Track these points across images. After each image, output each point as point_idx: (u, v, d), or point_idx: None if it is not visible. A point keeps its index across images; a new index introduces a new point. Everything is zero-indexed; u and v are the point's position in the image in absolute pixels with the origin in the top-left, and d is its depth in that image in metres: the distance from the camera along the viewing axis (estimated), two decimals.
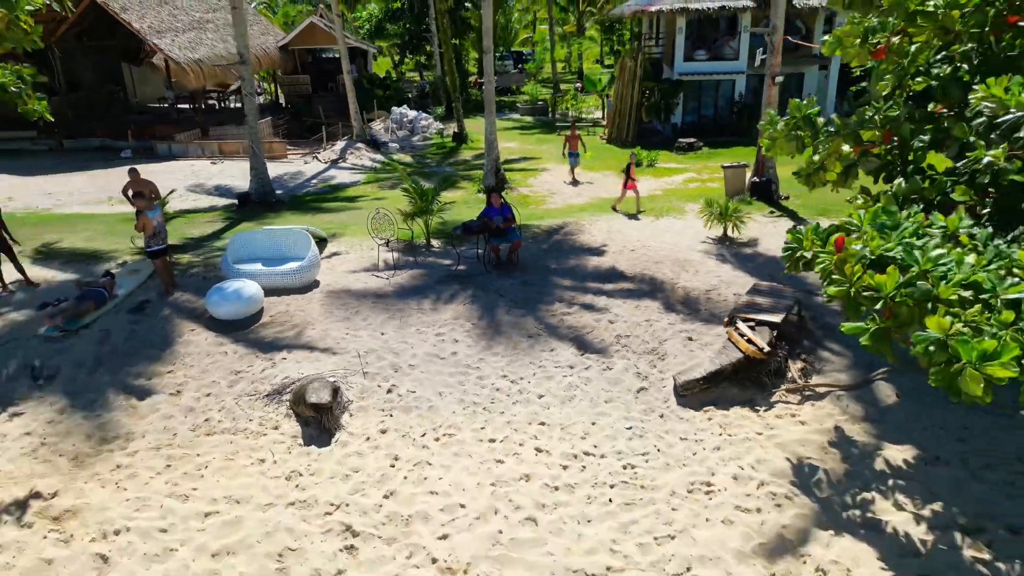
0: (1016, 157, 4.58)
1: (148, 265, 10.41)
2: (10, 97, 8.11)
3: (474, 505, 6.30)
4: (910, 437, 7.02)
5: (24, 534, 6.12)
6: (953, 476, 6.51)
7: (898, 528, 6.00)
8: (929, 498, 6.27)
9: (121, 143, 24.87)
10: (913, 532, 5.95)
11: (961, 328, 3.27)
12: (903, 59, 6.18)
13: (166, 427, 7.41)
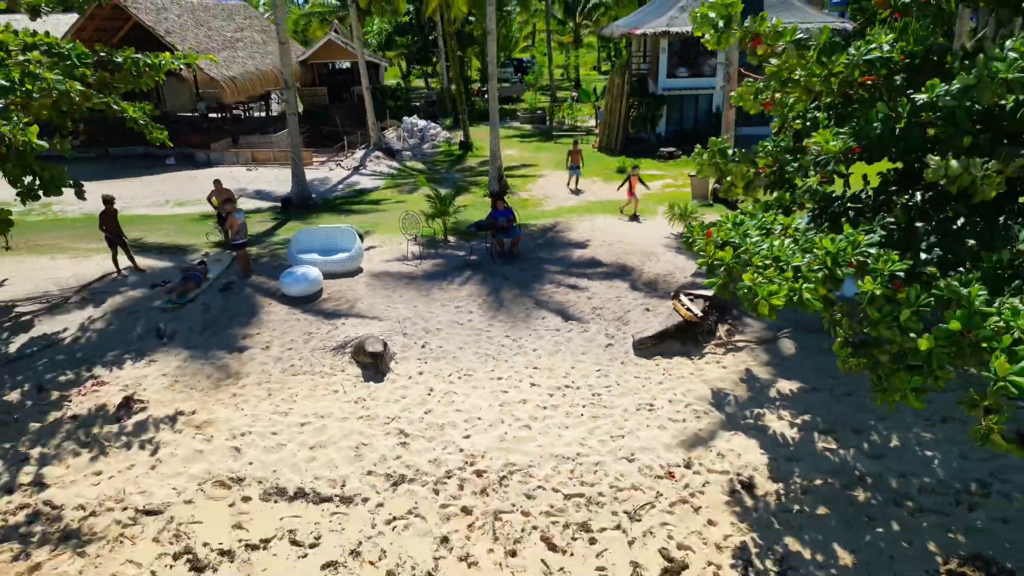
0: (825, 181, 7.30)
1: (227, 255, 13.14)
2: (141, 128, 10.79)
3: (487, 418, 9.02)
4: (797, 375, 9.74)
5: (177, 436, 8.85)
6: (822, 399, 9.24)
7: (777, 430, 8.73)
8: (802, 412, 9.00)
9: (163, 151, 27.52)
10: (787, 433, 8.69)
11: (760, 280, 5.90)
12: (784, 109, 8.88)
13: (263, 370, 10.13)
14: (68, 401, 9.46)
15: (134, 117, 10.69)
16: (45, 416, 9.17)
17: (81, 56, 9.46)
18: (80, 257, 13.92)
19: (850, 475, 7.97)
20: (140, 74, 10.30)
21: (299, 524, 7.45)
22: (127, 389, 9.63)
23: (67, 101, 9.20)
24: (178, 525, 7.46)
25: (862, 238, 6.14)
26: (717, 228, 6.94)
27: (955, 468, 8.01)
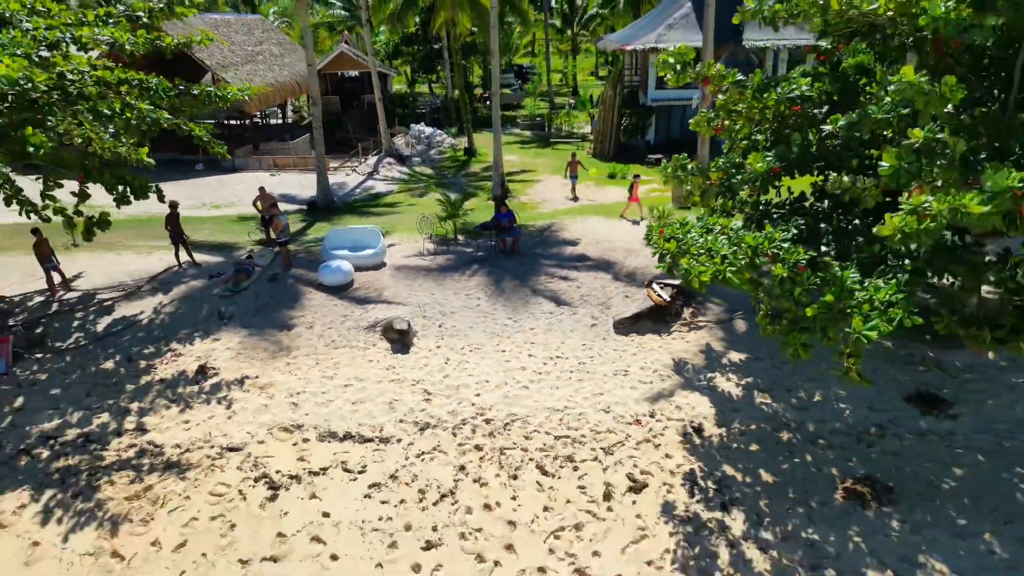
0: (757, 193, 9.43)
1: (270, 251, 15.28)
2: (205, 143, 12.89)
3: (493, 380, 11.16)
4: (745, 348, 11.88)
5: (246, 395, 10.99)
6: (763, 366, 11.38)
7: (725, 389, 10.87)
8: (746, 376, 11.14)
9: (190, 157, 29.65)
10: (733, 391, 10.83)
11: (694, 263, 8.01)
12: (732, 133, 11.01)
13: (309, 344, 12.27)
14: (154, 368, 11.61)
15: (199, 135, 12.82)
16: (137, 380, 11.32)
17: (166, 90, 11.59)
18: (143, 253, 16.05)
19: (779, 422, 10.12)
20: (211, 103, 12.45)
21: (348, 457, 9.60)
22: (200, 359, 11.77)
23: (156, 126, 11.34)
24: (255, 458, 9.61)
25: (778, 235, 8.28)
26: (667, 227, 9.07)
27: (861, 417, 10.15)
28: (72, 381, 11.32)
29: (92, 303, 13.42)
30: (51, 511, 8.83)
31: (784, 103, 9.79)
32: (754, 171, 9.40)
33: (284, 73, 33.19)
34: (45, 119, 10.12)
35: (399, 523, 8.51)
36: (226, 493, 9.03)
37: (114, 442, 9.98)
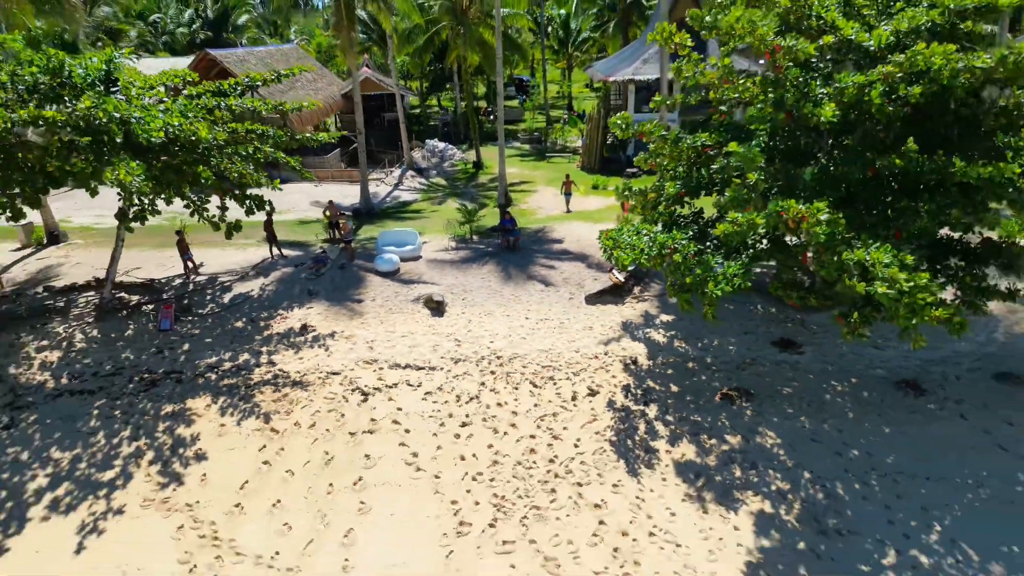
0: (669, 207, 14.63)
1: (336, 248, 20.50)
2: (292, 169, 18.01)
3: (501, 333, 16.39)
4: (672, 312, 17.09)
5: (337, 343, 16.21)
6: (684, 324, 16.59)
7: (655, 338, 16.10)
8: (670, 330, 16.36)
9: None
10: (659, 339, 16.06)
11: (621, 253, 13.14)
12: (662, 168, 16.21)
13: (374, 311, 17.49)
14: (270, 326, 16.86)
15: (294, 164, 18.03)
16: (261, 333, 16.57)
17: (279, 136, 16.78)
18: (239, 249, 21.26)
19: (687, 357, 15.36)
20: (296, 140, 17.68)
21: (410, 378, 14.84)
22: (301, 320, 17.01)
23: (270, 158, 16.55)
24: (349, 378, 14.85)
25: (679, 236, 13.46)
26: (609, 231, 14.27)
27: (741, 354, 15.38)
28: (217, 335, 16.57)
29: (216, 284, 18.67)
30: (226, 408, 14.08)
31: (693, 149, 14.94)
32: (668, 194, 14.63)
33: (318, 96, 38.36)
34: (209, 159, 15.34)
35: (444, 414, 13.75)
36: (335, 397, 14.29)
37: (256, 371, 15.22)
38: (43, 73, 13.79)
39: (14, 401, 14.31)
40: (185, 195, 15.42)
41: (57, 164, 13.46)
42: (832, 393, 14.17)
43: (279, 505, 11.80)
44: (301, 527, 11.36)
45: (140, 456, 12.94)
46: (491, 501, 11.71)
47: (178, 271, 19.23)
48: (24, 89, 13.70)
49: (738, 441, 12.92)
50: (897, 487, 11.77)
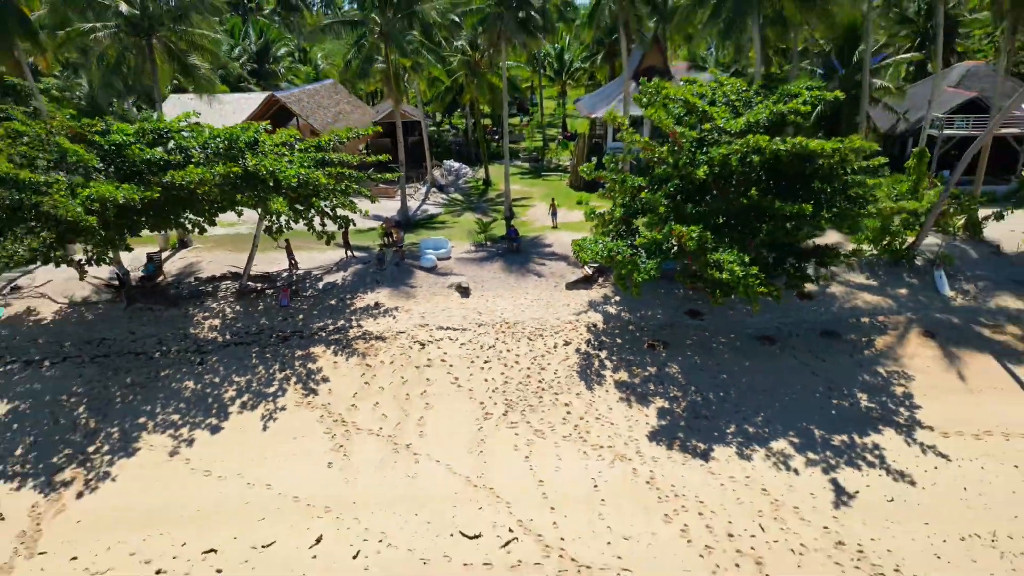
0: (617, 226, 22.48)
1: (391, 251, 28.36)
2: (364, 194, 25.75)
3: (507, 308, 24.27)
4: (623, 294, 24.97)
5: (400, 314, 24.10)
6: (629, 302, 24.47)
7: (610, 311, 24.00)
8: (619, 306, 24.25)
9: None
10: (612, 311, 23.96)
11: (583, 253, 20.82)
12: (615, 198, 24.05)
13: (422, 293, 25.36)
14: (353, 304, 24.73)
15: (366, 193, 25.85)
16: (348, 308, 24.45)
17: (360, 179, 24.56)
18: (318, 251, 29.05)
19: (629, 322, 23.22)
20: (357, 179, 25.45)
21: (449, 335, 22.73)
22: (373, 300, 24.88)
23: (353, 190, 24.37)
24: (411, 335, 22.74)
25: (621, 244, 21.34)
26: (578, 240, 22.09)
27: (666, 320, 23.24)
28: (319, 309, 24.44)
29: (311, 275, 26.55)
30: (336, 352, 21.97)
31: (632, 187, 22.73)
32: (615, 217, 22.51)
33: (359, 126, 46.17)
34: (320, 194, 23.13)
35: (473, 355, 21.62)
36: (403, 346, 22.17)
37: (350, 330, 23.09)
38: (223, 142, 21.66)
39: (200, 348, 22.20)
40: (305, 217, 23.17)
41: (229, 199, 21.35)
42: (717, 343, 22.06)
43: (377, 405, 19.72)
44: (392, 416, 19.28)
45: (287, 380, 20.85)
46: (503, 402, 19.62)
47: (284, 266, 27.05)
48: (212, 152, 21.57)
49: (654, 370, 20.83)
50: (744, 395, 19.70)
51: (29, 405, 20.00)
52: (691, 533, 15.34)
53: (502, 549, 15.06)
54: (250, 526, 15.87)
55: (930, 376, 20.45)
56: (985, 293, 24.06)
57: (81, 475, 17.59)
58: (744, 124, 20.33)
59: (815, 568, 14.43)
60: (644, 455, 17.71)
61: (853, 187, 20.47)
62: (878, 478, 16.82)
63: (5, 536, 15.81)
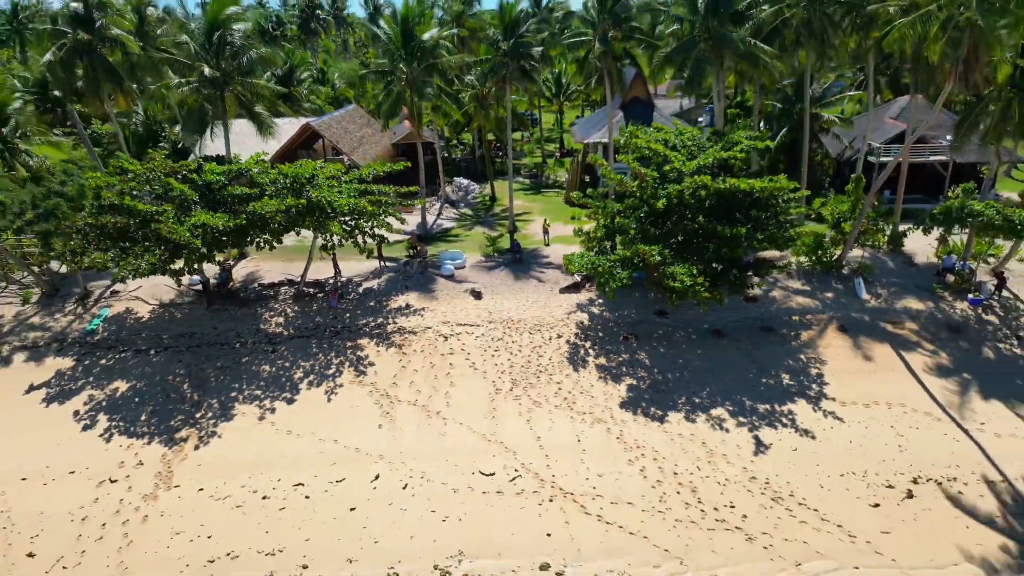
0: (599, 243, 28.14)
1: (415, 261, 34.00)
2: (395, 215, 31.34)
3: (513, 307, 29.93)
4: (605, 297, 30.63)
5: (425, 312, 29.77)
6: (608, 303, 30.14)
7: (593, 311, 29.67)
8: (603, 307, 29.93)
9: None
10: (596, 311, 29.63)
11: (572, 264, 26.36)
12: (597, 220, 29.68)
13: (442, 296, 31.02)
14: (388, 305, 30.42)
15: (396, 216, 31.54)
16: (384, 308, 30.13)
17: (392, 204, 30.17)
18: (356, 261, 34.69)
19: (609, 319, 28.88)
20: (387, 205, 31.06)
21: (467, 330, 28.40)
22: (405, 302, 30.55)
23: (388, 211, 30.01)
24: (435, 330, 28.43)
25: (602, 258, 27.01)
26: (568, 255, 27.72)
27: (639, 319, 28.90)
28: (361, 309, 30.12)
29: (352, 282, 32.22)
30: (378, 343, 27.68)
31: (612, 212, 28.37)
32: (598, 236, 28.19)
33: (379, 147, 51.86)
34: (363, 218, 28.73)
35: (486, 345, 27.29)
36: (430, 338, 27.84)
37: (388, 326, 28.77)
38: (290, 179, 27.33)
39: (270, 340, 27.87)
40: (352, 236, 28.75)
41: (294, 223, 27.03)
42: (677, 336, 27.71)
43: (412, 383, 25.41)
44: (424, 391, 24.97)
45: (342, 364, 26.53)
46: (510, 380, 25.31)
47: (330, 274, 32.69)
48: (281, 187, 27.24)
49: (627, 356, 26.49)
50: (695, 375, 25.37)
51: (144, 383, 25.73)
52: (647, 472, 21.00)
53: (510, 482, 20.73)
54: (325, 469, 21.55)
55: (839, 361, 26.09)
56: (894, 296, 29.67)
57: (194, 433, 23.30)
58: (695, 166, 25.97)
59: (733, 494, 20.09)
60: (615, 419, 23.37)
61: (782, 213, 26.10)
62: (788, 435, 22.47)
63: (147, 475, 21.52)
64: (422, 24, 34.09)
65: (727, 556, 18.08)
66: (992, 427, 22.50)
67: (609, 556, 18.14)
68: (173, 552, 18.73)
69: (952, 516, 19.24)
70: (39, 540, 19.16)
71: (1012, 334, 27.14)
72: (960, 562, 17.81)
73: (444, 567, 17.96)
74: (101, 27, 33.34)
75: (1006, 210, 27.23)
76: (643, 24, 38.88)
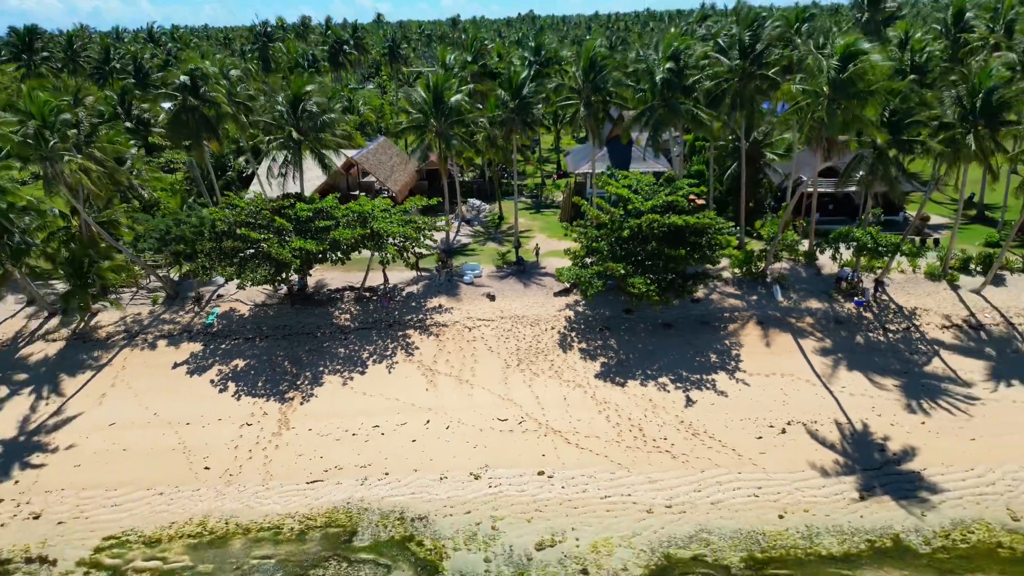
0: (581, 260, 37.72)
1: (443, 271, 43.60)
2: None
3: (520, 307, 39.58)
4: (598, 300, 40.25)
5: (454, 311, 39.44)
6: (589, 304, 39.76)
7: (579, 309, 39.33)
8: (586, 307, 39.57)
9: None
10: (581, 310, 39.27)
11: (562, 275, 35.77)
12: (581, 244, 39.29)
13: (466, 298, 40.64)
14: (425, 305, 40.08)
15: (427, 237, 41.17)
16: (423, 308, 39.79)
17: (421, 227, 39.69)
18: (398, 271, 44.24)
19: (590, 316, 38.53)
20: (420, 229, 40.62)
21: (485, 323, 38.07)
22: (438, 302, 40.18)
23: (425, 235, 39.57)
24: (462, 323, 38.11)
25: (583, 271, 36.65)
26: (560, 268, 37.31)
27: (611, 315, 38.55)
28: (406, 308, 39.77)
29: (397, 287, 41.87)
30: (420, 333, 37.38)
31: (592, 236, 38.08)
32: (580, 254, 37.88)
33: (406, 174, 61.46)
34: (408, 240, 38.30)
35: (500, 335, 36.94)
36: (458, 330, 37.48)
37: (426, 321, 38.41)
38: (357, 215, 36.98)
39: (342, 331, 37.54)
40: (402, 255, 38.25)
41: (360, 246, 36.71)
42: (639, 328, 37.34)
43: (448, 361, 35.13)
44: (456, 366, 34.69)
45: (396, 348, 36.23)
46: (517, 359, 35.02)
47: (380, 281, 42.26)
48: (351, 219, 36.87)
49: (601, 343, 36.15)
50: (649, 355, 35.07)
51: (255, 361, 35.43)
52: (610, 418, 30.60)
53: (518, 424, 30.36)
54: (391, 416, 31.22)
55: (753, 345, 35.65)
56: (801, 299, 39.21)
57: (298, 395, 32.99)
58: (650, 206, 35.52)
59: (667, 432, 29.67)
60: (591, 384, 32.98)
61: (712, 238, 35.62)
62: (709, 394, 32.05)
63: (271, 420, 31.20)
64: (449, 91, 43.66)
65: (658, 466, 27.70)
66: (849, 389, 32.07)
67: (582, 467, 27.76)
68: (298, 466, 28.41)
69: (809, 444, 28.81)
70: (210, 459, 28.85)
71: (880, 326, 36.69)
72: (807, 470, 27.36)
73: (476, 472, 27.61)
74: (203, 93, 43.06)
75: (878, 236, 36.76)
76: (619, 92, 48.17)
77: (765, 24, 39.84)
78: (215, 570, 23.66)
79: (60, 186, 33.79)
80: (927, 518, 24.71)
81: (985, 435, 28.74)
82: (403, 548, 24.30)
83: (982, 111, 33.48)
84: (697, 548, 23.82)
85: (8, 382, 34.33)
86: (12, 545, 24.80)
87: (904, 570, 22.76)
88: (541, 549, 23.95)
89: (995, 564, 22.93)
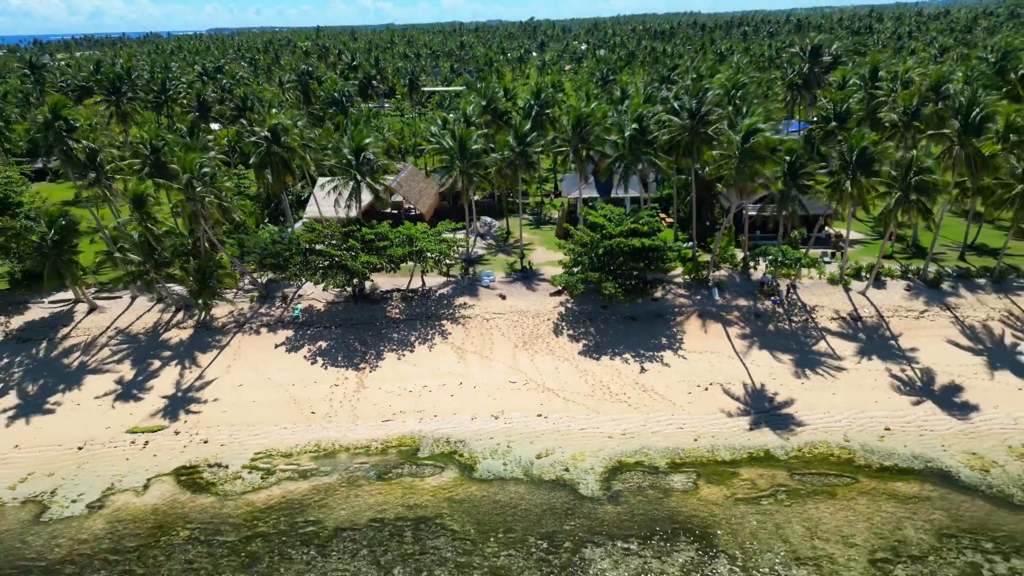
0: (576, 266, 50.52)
1: (466, 276, 56.38)
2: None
3: (524, 304, 52.47)
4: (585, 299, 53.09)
5: (476, 307, 52.33)
6: (577, 301, 52.60)
7: (569, 305, 52.23)
8: (576, 304, 52.43)
9: None
10: (571, 306, 52.16)
11: (557, 279, 48.37)
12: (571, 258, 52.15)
13: (484, 297, 53.49)
14: (454, 302, 52.95)
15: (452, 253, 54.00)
16: (452, 304, 52.68)
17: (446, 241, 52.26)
18: (430, 277, 56.97)
19: (578, 310, 51.42)
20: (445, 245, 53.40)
21: (500, 316, 50.98)
22: (463, 300, 53.04)
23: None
24: (482, 316, 51.04)
25: (572, 278, 49.54)
26: (555, 275, 50.12)
27: (593, 309, 51.44)
28: (440, 305, 52.63)
29: (432, 289, 54.71)
30: (452, 323, 50.32)
31: (578, 251, 51.06)
32: (569, 264, 50.82)
33: (432, 197, 74.21)
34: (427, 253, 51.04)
35: (510, 324, 49.86)
36: (480, 322, 50.38)
37: (456, 314, 51.28)
38: (406, 237, 49.78)
39: (394, 322, 50.45)
40: (437, 266, 50.87)
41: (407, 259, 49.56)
42: (612, 319, 50.22)
43: (473, 343, 48.17)
44: (479, 347, 47.73)
45: (435, 334, 49.21)
46: (523, 342, 48.05)
47: (419, 284, 55.01)
48: (401, 240, 49.68)
49: (584, 330, 49.10)
50: (618, 339, 48.08)
51: (334, 343, 48.39)
52: (588, 381, 43.49)
53: (524, 385, 43.31)
54: (434, 380, 44.19)
55: (693, 332, 48.47)
56: (733, 298, 51.97)
57: (367, 366, 45.94)
58: (620, 231, 48.30)
59: (626, 389, 42.56)
60: (576, 359, 45.87)
61: (665, 254, 48.36)
62: (658, 365, 44.91)
63: (352, 383, 44.19)
64: (470, 140, 56.52)
65: (618, 411, 40.58)
66: (757, 362, 44.91)
67: (567, 411, 40.67)
68: (375, 411, 41.34)
69: (722, 397, 41.66)
70: (314, 407, 41.80)
71: (788, 318, 49.51)
72: (718, 413, 40.20)
73: (495, 414, 40.51)
74: (283, 141, 56.02)
75: (787, 251, 49.60)
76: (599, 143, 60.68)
77: (708, 93, 52.72)
78: (331, 470, 36.57)
79: (200, 217, 46.71)
80: (789, 440, 37.56)
81: (843, 391, 41.58)
82: (450, 458, 37.21)
83: (857, 163, 46.28)
84: (639, 457, 36.70)
85: (160, 357, 47.32)
86: (195, 458, 37.74)
87: (768, 469, 35.60)
88: (539, 458, 36.82)
89: (826, 466, 35.75)
